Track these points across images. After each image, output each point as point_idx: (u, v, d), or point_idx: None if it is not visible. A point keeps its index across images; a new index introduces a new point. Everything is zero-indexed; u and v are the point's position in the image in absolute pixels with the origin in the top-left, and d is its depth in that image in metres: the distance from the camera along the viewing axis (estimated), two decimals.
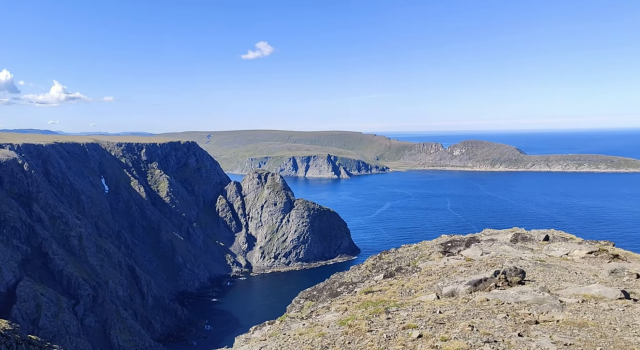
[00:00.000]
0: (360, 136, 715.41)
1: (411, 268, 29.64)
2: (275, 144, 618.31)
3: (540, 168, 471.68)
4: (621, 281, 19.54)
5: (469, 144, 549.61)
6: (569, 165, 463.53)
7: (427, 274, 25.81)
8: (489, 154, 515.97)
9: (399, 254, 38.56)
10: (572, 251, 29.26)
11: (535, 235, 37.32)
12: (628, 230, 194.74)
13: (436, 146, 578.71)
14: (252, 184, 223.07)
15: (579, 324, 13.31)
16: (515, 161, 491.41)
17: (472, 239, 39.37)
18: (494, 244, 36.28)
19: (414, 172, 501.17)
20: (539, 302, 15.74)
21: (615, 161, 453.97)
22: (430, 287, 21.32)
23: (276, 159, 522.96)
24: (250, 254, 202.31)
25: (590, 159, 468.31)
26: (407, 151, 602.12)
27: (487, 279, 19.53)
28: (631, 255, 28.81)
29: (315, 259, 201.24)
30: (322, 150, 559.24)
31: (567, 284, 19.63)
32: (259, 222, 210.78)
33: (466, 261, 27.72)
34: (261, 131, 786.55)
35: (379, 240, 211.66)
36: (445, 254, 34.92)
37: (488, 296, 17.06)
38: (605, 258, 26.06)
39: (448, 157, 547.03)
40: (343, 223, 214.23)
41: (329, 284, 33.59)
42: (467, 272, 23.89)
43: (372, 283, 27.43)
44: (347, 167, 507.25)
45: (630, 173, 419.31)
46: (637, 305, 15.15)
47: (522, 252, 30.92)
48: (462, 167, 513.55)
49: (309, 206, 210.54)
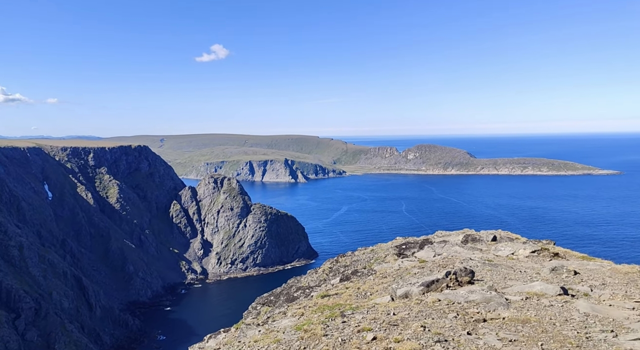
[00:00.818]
0: (317, 140, 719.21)
1: (367, 271, 30.05)
2: (232, 148, 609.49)
3: (489, 171, 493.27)
4: (560, 278, 20.74)
5: (422, 148, 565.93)
6: (514, 168, 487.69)
7: (382, 276, 26.26)
8: (442, 158, 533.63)
9: (356, 257, 39.02)
10: (517, 251, 30.76)
11: (484, 236, 38.93)
12: (567, 229, 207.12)
13: (391, 150, 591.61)
14: (207, 188, 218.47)
15: (523, 320, 13.99)
16: (466, 165, 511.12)
17: (426, 241, 40.51)
18: (446, 245, 37.48)
19: (370, 176, 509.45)
20: (486, 301, 16.40)
21: (557, 164, 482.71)
22: (385, 289, 21.68)
23: (232, 163, 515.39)
24: (206, 260, 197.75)
25: (534, 163, 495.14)
26: (363, 155, 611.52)
27: (439, 279, 20.13)
28: (570, 253, 30.68)
29: (273, 263, 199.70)
30: (279, 154, 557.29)
31: (513, 282, 20.59)
32: (215, 228, 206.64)
33: (419, 263, 28.48)
34: (217, 135, 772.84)
35: (337, 243, 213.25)
36: (400, 256, 35.71)
37: (440, 296, 17.58)
38: (547, 257, 27.61)
39: (403, 161, 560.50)
40: (301, 227, 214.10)
41: (286, 288, 33.43)
42: (421, 273, 24.52)
43: (328, 287, 27.56)
44: (305, 171, 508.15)
45: (569, 176, 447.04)
46: (574, 301, 16.14)
47: (472, 253, 32.14)
48: (416, 171, 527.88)
49: (266, 211, 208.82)
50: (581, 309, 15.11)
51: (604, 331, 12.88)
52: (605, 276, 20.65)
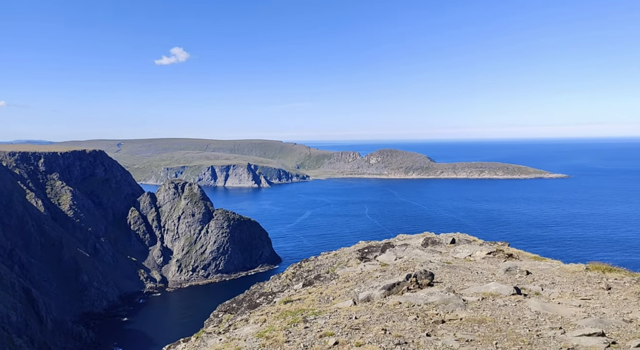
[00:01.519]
0: (280, 145, 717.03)
1: (330, 275, 30.17)
2: (193, 153, 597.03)
3: (448, 175, 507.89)
4: (514, 278, 21.61)
5: (384, 153, 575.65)
6: (472, 172, 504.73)
7: (345, 280, 26.44)
8: (403, 162, 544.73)
9: (319, 262, 39.09)
10: (474, 252, 31.80)
11: (443, 238, 40.00)
12: (520, 231, 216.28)
13: (354, 155, 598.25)
14: (168, 194, 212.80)
15: (479, 320, 14.45)
16: (427, 169, 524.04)
17: (387, 245, 41.15)
18: (407, 248, 38.23)
19: (333, 180, 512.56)
20: (445, 302, 16.83)
21: (511, 168, 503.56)
22: (347, 294, 21.84)
23: (194, 168, 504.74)
24: (165, 268, 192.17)
25: (490, 167, 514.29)
26: (327, 160, 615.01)
27: (400, 282, 20.49)
28: (523, 253, 32.03)
29: (236, 269, 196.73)
30: (242, 159, 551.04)
31: (470, 283, 21.26)
32: (176, 234, 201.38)
33: (381, 266, 28.89)
34: (177, 139, 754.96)
35: (300, 248, 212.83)
36: (363, 260, 36.09)
37: (401, 299, 17.90)
38: (502, 257, 28.70)
39: (365, 165, 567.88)
40: (264, 232, 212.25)
41: (248, 295, 33.01)
42: (382, 276, 24.88)
43: (291, 292, 27.45)
44: (268, 176, 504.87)
45: (522, 179, 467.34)
46: (527, 300, 16.85)
47: (431, 255, 32.94)
48: (379, 175, 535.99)
49: (228, 216, 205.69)
50: (533, 308, 15.79)
51: (553, 328, 13.51)
52: (554, 275, 21.69)
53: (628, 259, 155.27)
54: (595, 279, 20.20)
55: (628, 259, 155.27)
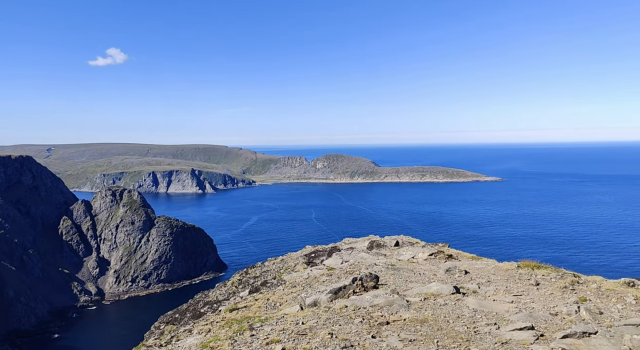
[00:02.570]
0: (226, 150, 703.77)
1: (276, 281, 29.95)
2: (133, 158, 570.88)
3: (392, 179, 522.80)
4: (454, 278, 22.60)
5: (330, 158, 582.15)
6: (414, 176, 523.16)
7: (292, 285, 26.38)
8: (349, 167, 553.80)
9: (266, 268, 38.73)
10: (417, 254, 32.92)
11: (387, 241, 41.06)
12: (459, 231, 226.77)
13: (300, 160, 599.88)
14: (104, 202, 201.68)
15: (421, 320, 14.96)
16: (371, 173, 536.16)
17: (334, 249, 41.58)
18: (353, 252, 38.84)
19: (280, 185, 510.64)
20: (390, 304, 17.27)
21: (450, 172, 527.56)
22: (294, 299, 21.79)
23: (133, 174, 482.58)
24: (102, 280, 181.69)
25: (431, 171, 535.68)
26: (273, 165, 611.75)
27: (346, 286, 20.76)
28: (462, 254, 33.59)
29: (179, 278, 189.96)
30: (185, 164, 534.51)
31: (413, 284, 21.95)
32: (114, 244, 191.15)
33: (328, 270, 29.12)
34: (115, 144, 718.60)
35: (246, 254, 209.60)
36: (310, 265, 36.21)
37: (347, 303, 18.13)
38: (442, 258, 29.93)
39: (312, 170, 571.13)
40: (209, 239, 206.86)
41: (192, 304, 32.02)
42: (329, 281, 25.07)
43: (237, 300, 26.94)
44: (213, 182, 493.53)
45: (461, 182, 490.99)
46: (465, 298, 17.68)
47: (377, 258, 33.69)
48: (325, 180, 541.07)
49: (171, 223, 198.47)
50: (470, 306, 16.59)
51: (489, 324, 14.28)
52: (490, 274, 22.92)
53: (553, 255, 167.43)
54: (525, 276, 21.58)
55: (553, 255, 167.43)
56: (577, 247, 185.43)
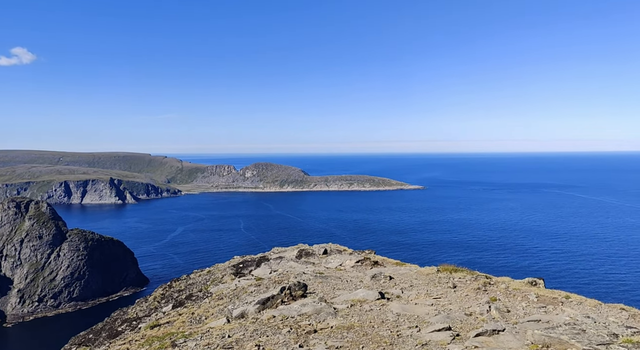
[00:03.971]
0: (149, 158, 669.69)
1: (202, 294, 28.96)
2: (41, 167, 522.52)
3: (321, 187, 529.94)
4: (379, 284, 23.38)
5: (260, 166, 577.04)
6: (343, 184, 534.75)
7: (219, 297, 25.65)
8: (278, 176, 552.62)
9: (191, 280, 37.35)
10: (344, 262, 33.60)
11: (316, 249, 41.46)
12: (384, 238, 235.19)
13: (229, 168, 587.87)
14: (6, 214, 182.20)
15: (348, 327, 15.27)
16: (301, 182, 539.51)
17: (263, 258, 41.16)
18: (282, 261, 38.70)
19: (207, 195, 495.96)
20: (317, 312, 17.41)
21: (377, 181, 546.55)
22: (221, 312, 21.22)
23: (42, 184, 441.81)
24: (3, 301, 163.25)
25: (358, 179, 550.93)
26: (200, 174, 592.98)
27: (274, 296, 20.62)
28: (387, 260, 34.85)
29: (95, 296, 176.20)
30: (103, 173, 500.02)
31: (341, 291, 22.35)
32: (17, 261, 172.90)
33: (256, 281, 28.72)
34: (20, 151, 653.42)
35: (171, 267, 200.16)
36: (238, 276, 35.48)
37: (275, 313, 18.00)
38: (369, 265, 30.84)
39: (241, 179, 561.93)
40: (129, 252, 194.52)
41: (109, 323, 29.92)
42: (257, 291, 24.75)
43: (159, 315, 25.61)
44: (134, 192, 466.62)
45: (386, 190, 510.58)
46: (389, 303, 18.35)
47: (305, 267, 33.86)
48: (254, 189, 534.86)
49: (86, 237, 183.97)
50: (394, 310, 17.24)
51: (411, 327, 14.93)
52: (412, 278, 24.01)
53: (469, 258, 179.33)
54: (444, 279, 22.89)
55: (469, 258, 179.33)
56: (489, 250, 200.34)
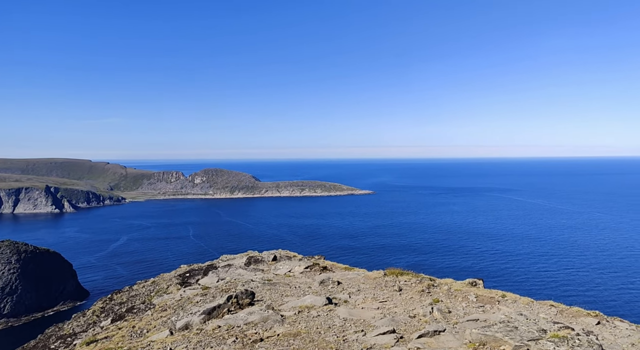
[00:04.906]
0: (89, 165, 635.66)
1: (145, 306, 27.80)
2: None
3: (273, 193, 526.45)
4: (327, 289, 23.48)
5: (209, 172, 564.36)
6: (294, 190, 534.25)
7: (162, 309, 24.72)
8: (229, 182, 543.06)
9: (134, 292, 35.81)
10: (293, 268, 33.50)
11: (265, 256, 41.09)
12: (334, 243, 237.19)
13: (177, 174, 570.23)
14: None
15: (295, 333, 15.19)
16: (252, 188, 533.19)
17: (210, 266, 40.21)
18: (230, 269, 37.99)
19: (154, 202, 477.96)
20: (264, 320, 17.20)
21: (328, 186, 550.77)
22: (164, 324, 20.47)
23: None
24: None
25: (310, 185, 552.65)
26: (146, 180, 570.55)
27: (220, 305, 20.16)
28: (336, 265, 35.13)
29: (28, 311, 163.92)
30: (38, 180, 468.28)
31: (289, 298, 22.22)
32: None
33: (203, 290, 27.95)
34: None
35: (113, 278, 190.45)
36: (183, 285, 34.41)
37: (220, 323, 17.58)
38: (317, 271, 30.93)
39: (189, 186, 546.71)
40: (67, 264, 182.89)
41: (42, 340, 27.99)
42: (203, 301, 24.09)
43: (97, 330, 24.28)
44: (74, 200, 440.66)
45: (337, 195, 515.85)
46: (336, 308, 18.46)
47: (254, 274, 33.43)
48: (204, 195, 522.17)
49: (18, 248, 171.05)
50: (341, 315, 17.37)
51: (357, 332, 15.10)
52: (360, 283, 24.33)
53: (415, 260, 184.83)
54: (390, 283, 23.39)
55: (415, 260, 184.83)
56: (434, 252, 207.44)
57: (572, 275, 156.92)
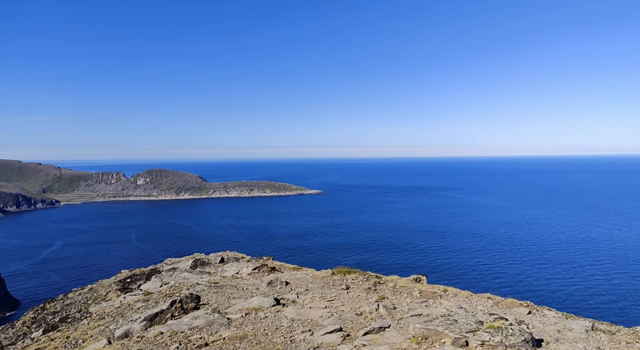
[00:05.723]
0: (19, 165, 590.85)
1: (81, 314, 26.27)
2: None
3: (221, 194, 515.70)
4: (275, 290, 23.32)
5: (153, 173, 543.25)
6: (243, 190, 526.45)
7: (100, 317, 23.49)
8: (174, 183, 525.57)
9: (69, 300, 33.81)
10: (241, 269, 32.99)
11: (212, 258, 40.17)
12: (284, 243, 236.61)
13: (118, 175, 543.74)
14: None
15: (241, 336, 14.93)
16: (199, 189, 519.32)
17: (154, 271, 38.71)
18: (175, 272, 36.78)
19: (92, 205, 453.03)
20: (209, 324, 16.77)
21: (277, 186, 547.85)
22: (102, 333, 19.46)
23: None
24: None
25: (259, 185, 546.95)
26: (83, 182, 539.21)
27: (163, 311, 19.43)
28: (284, 266, 35.00)
29: None
30: None
31: (236, 300, 21.83)
32: None
33: (145, 295, 26.83)
34: None
35: (47, 286, 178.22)
36: (124, 291, 32.89)
37: (163, 329, 16.94)
38: (266, 272, 30.65)
39: (132, 187, 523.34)
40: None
41: None
42: (145, 307, 23.14)
43: (27, 343, 22.60)
44: (1, 203, 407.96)
45: (287, 195, 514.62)
46: (284, 309, 18.37)
47: (200, 277, 32.56)
48: (147, 197, 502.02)
49: None
50: (289, 315, 17.30)
51: (304, 331, 15.09)
52: (308, 283, 24.38)
53: (363, 258, 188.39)
54: (338, 282, 23.63)
55: (363, 258, 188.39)
56: (380, 250, 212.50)
57: (507, 268, 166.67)
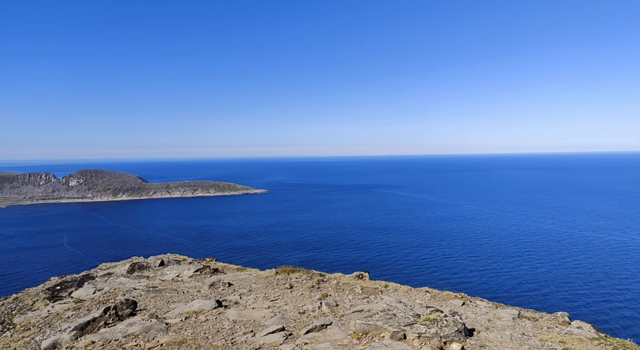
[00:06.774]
0: None
1: (3, 326, 24.22)
2: None
3: (162, 195, 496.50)
4: (217, 292, 22.79)
5: (87, 174, 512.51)
6: (186, 191, 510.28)
7: (25, 328, 21.82)
8: (111, 184, 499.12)
9: None
10: (182, 272, 31.95)
11: (151, 262, 38.58)
12: (228, 243, 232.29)
13: (47, 177, 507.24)
14: None
15: (180, 341, 14.43)
16: (138, 190, 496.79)
17: (86, 277, 36.58)
18: (110, 278, 34.95)
19: (18, 208, 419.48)
20: (146, 330, 16.06)
21: (222, 186, 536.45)
22: (26, 345, 18.10)
23: None
24: None
25: (203, 185, 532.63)
26: (8, 184, 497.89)
27: (95, 318, 18.41)
28: (228, 266, 34.34)
29: None
30: None
31: (175, 304, 21.08)
32: None
33: (76, 303, 25.27)
34: None
35: None
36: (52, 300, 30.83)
37: (95, 338, 16.04)
38: (208, 273, 29.89)
39: (63, 189, 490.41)
40: None
41: None
42: (76, 315, 21.81)
43: None
44: None
45: (232, 195, 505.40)
46: (226, 311, 17.99)
47: (137, 282, 31.16)
48: (81, 199, 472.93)
49: None
50: (231, 317, 16.97)
51: (246, 333, 14.87)
52: (251, 283, 24.06)
53: (308, 256, 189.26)
54: (282, 281, 23.53)
55: (308, 256, 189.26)
56: (325, 247, 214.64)
57: (444, 262, 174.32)
